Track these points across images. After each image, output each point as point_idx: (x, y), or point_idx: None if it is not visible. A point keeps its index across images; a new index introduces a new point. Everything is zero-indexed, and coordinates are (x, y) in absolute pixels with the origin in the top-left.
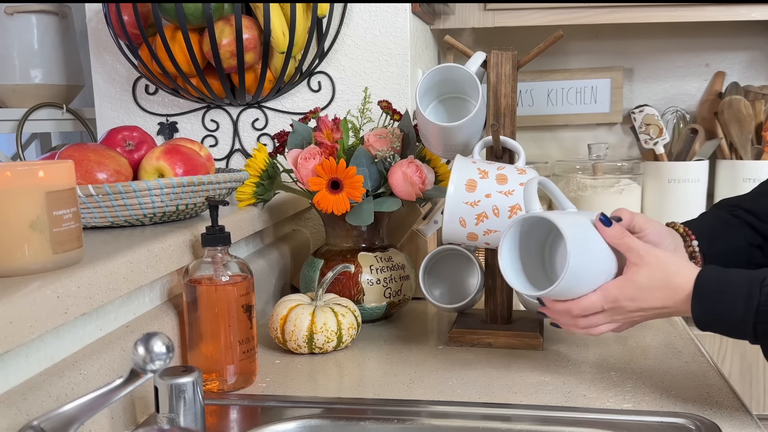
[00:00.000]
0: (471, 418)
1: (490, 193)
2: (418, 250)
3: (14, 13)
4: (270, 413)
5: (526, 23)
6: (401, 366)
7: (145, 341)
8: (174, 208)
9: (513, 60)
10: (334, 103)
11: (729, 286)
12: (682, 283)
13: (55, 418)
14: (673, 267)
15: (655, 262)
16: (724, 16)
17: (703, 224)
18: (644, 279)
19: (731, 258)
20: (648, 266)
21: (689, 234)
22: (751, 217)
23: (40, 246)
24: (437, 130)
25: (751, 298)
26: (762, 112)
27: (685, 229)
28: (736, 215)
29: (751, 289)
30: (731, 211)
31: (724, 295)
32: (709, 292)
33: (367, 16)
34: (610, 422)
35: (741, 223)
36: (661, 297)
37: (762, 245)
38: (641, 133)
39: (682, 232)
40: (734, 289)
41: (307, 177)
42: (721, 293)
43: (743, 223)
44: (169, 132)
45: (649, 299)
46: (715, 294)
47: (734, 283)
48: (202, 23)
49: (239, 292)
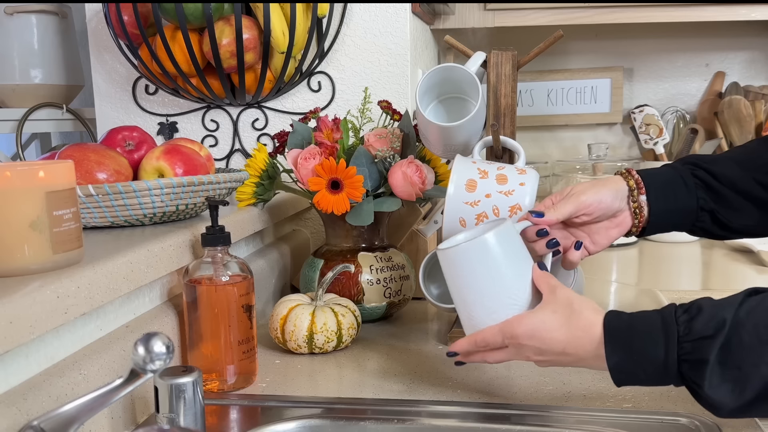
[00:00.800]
0: (471, 418)
1: (490, 193)
2: (418, 250)
3: (14, 13)
4: (270, 413)
5: (526, 23)
6: (401, 366)
7: (145, 341)
8: (174, 208)
9: (513, 60)
10: (334, 103)
11: (640, 321)
12: (588, 324)
13: (55, 418)
14: (577, 306)
15: (563, 300)
16: (724, 16)
17: (658, 177)
18: (548, 314)
19: (675, 218)
20: (555, 303)
21: (640, 186)
22: (711, 178)
23: (40, 246)
24: (437, 130)
25: (668, 328)
26: (762, 112)
27: (637, 180)
28: (696, 175)
29: (666, 321)
30: (692, 170)
31: (638, 332)
32: (621, 334)
33: (367, 16)
34: (610, 422)
35: (698, 184)
36: (563, 340)
37: (714, 210)
38: (641, 133)
39: (632, 185)
40: (647, 320)
41: (307, 177)
42: (633, 330)
43: (700, 185)
44: (169, 132)
45: (551, 340)
46: (626, 331)
47: (645, 316)
48: (202, 23)
49: (239, 292)
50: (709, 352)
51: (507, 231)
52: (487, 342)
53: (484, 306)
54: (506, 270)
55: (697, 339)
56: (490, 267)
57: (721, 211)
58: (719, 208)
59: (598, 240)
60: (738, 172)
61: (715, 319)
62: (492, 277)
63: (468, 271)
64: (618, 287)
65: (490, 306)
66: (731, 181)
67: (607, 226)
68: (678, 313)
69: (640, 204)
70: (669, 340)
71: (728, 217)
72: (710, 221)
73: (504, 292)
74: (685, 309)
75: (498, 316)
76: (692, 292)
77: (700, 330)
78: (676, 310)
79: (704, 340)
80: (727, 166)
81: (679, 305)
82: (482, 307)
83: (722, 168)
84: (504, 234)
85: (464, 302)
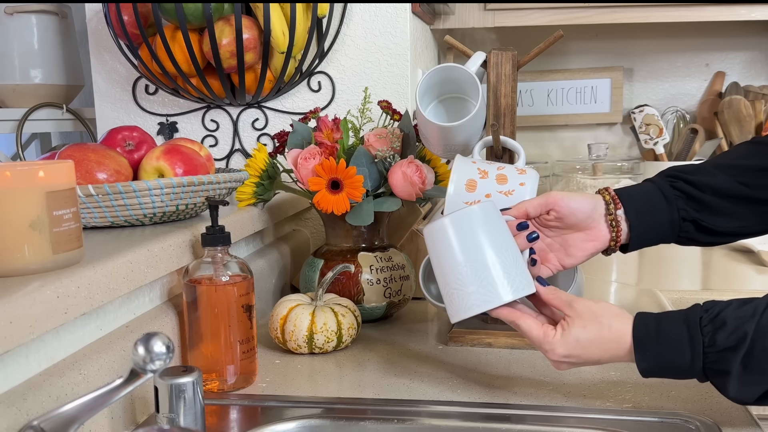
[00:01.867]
0: (471, 418)
1: (490, 193)
2: (418, 250)
3: (14, 13)
4: (270, 413)
5: (526, 23)
6: (401, 366)
7: (145, 341)
8: (174, 208)
9: (513, 60)
10: (334, 103)
11: (668, 334)
12: (618, 335)
13: (55, 418)
14: (605, 320)
15: (587, 314)
16: (724, 16)
17: (635, 193)
18: (578, 331)
19: (659, 230)
20: (581, 318)
21: (616, 201)
22: (690, 188)
23: (40, 246)
24: (437, 130)
25: (694, 342)
26: (762, 112)
27: (612, 195)
28: (674, 186)
29: (691, 331)
30: (671, 182)
31: (667, 346)
32: (650, 343)
33: (367, 16)
34: (610, 422)
35: (678, 196)
36: (597, 353)
37: (697, 219)
38: (641, 133)
39: (607, 199)
40: (675, 336)
41: (307, 177)
42: (662, 344)
43: (680, 196)
44: (169, 132)
45: (586, 356)
46: (655, 344)
47: (672, 328)
48: (202, 23)
49: (239, 292)
50: (732, 363)
51: (488, 207)
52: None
53: (473, 273)
54: (487, 240)
55: (720, 351)
56: (472, 237)
57: (704, 218)
58: (702, 216)
59: (574, 252)
60: (720, 177)
61: (736, 333)
62: (475, 246)
63: (448, 244)
64: (618, 287)
65: (469, 276)
66: (713, 188)
67: (582, 239)
68: (703, 322)
69: (617, 218)
70: (695, 351)
71: (714, 223)
72: (694, 230)
73: (483, 263)
74: (710, 318)
75: (479, 284)
76: (692, 292)
77: (723, 342)
78: (701, 319)
79: (727, 351)
80: (708, 174)
81: (705, 311)
82: (471, 275)
83: (702, 176)
84: (485, 209)
85: (446, 273)
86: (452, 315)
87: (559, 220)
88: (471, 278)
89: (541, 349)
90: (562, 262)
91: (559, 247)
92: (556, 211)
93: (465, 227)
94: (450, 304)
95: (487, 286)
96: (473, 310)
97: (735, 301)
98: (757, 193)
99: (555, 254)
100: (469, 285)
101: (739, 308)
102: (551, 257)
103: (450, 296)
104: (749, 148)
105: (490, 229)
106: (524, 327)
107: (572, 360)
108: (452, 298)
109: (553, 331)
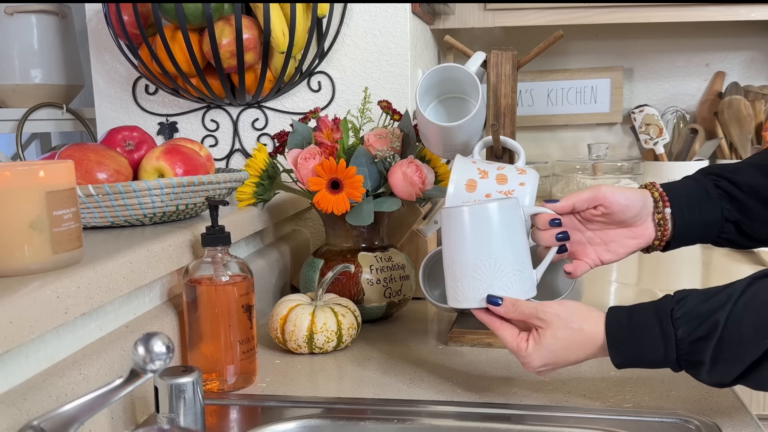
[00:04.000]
0: (471, 418)
1: (490, 193)
2: (418, 250)
3: (14, 13)
4: (270, 413)
5: (526, 23)
6: (401, 366)
7: (145, 341)
8: (174, 208)
9: (513, 60)
10: (334, 103)
11: (640, 328)
12: (591, 337)
13: (55, 418)
14: (575, 324)
15: (556, 321)
16: (724, 16)
17: (682, 191)
18: (551, 341)
19: (702, 231)
20: (551, 327)
21: (665, 199)
22: (734, 189)
23: (40, 246)
24: (437, 130)
25: (666, 335)
26: (762, 112)
27: (661, 193)
28: (719, 186)
29: (663, 324)
30: (715, 181)
31: (639, 340)
32: (623, 338)
33: (367, 16)
34: (610, 422)
35: (722, 195)
36: (573, 357)
37: (739, 221)
38: (641, 133)
39: (656, 197)
40: (647, 329)
41: (307, 177)
42: (635, 339)
43: (724, 196)
44: (169, 132)
45: (563, 361)
46: (629, 339)
47: (644, 322)
48: (202, 23)
49: (239, 292)
50: (705, 353)
51: (511, 206)
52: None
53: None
54: (499, 239)
55: (693, 341)
56: (484, 233)
57: (745, 222)
58: (744, 219)
59: (615, 248)
60: (761, 179)
61: (708, 322)
62: (486, 241)
63: (464, 232)
64: (618, 287)
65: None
66: (754, 190)
67: (625, 235)
68: (675, 314)
69: (665, 216)
70: (667, 344)
71: (753, 228)
72: (735, 232)
73: (492, 257)
74: (681, 309)
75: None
76: None
77: (695, 332)
78: (672, 311)
79: (699, 342)
80: (750, 175)
81: (676, 302)
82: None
83: (745, 177)
84: (506, 208)
85: (455, 262)
86: (450, 300)
87: (607, 216)
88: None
89: (519, 360)
90: (601, 258)
91: (600, 242)
92: (605, 206)
93: (481, 222)
94: (450, 289)
95: (488, 285)
96: (468, 304)
97: (708, 289)
98: None
99: (595, 249)
100: (472, 279)
101: (711, 297)
102: (590, 251)
103: (450, 282)
104: None
105: (504, 229)
106: (500, 337)
107: (550, 367)
108: (452, 285)
109: (525, 344)
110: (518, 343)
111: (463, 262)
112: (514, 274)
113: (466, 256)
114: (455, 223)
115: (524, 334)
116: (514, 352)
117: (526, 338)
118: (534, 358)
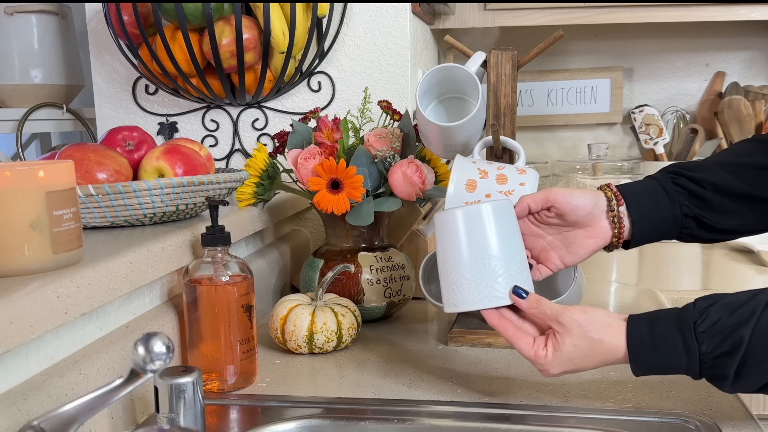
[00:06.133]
0: (471, 418)
1: (490, 193)
2: (418, 250)
3: (14, 13)
4: (270, 413)
5: (526, 23)
6: (401, 366)
7: (145, 341)
8: (174, 208)
9: (513, 60)
10: (334, 103)
11: (662, 342)
12: (611, 348)
13: (55, 418)
14: (595, 334)
15: (576, 329)
16: (724, 16)
17: (637, 189)
18: (570, 348)
19: (661, 227)
20: (570, 334)
21: (618, 197)
22: (693, 185)
23: (40, 246)
24: (437, 130)
25: (690, 349)
26: (762, 112)
27: (614, 192)
28: (677, 183)
29: (686, 338)
30: (673, 179)
31: (662, 354)
32: (645, 353)
33: (367, 16)
34: (610, 422)
35: (679, 192)
36: (592, 365)
37: (699, 215)
38: (641, 133)
39: (609, 196)
40: (669, 341)
41: (307, 177)
42: (658, 352)
43: (682, 192)
44: (169, 132)
45: (581, 368)
46: (651, 354)
47: (667, 336)
48: (202, 23)
49: (239, 292)
50: (729, 368)
51: (504, 206)
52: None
53: (471, 265)
54: (494, 238)
55: (717, 357)
56: (480, 233)
57: (706, 215)
58: (704, 213)
59: (575, 250)
60: (722, 174)
61: (732, 338)
62: (481, 241)
63: (456, 234)
64: (618, 287)
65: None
66: (714, 185)
67: (583, 235)
68: (698, 328)
69: (619, 215)
70: (691, 358)
71: (715, 220)
72: (696, 226)
73: (488, 257)
74: (705, 323)
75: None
76: (692, 292)
77: (719, 348)
78: (695, 324)
79: (723, 357)
80: (710, 170)
81: (699, 315)
82: (468, 267)
83: (704, 173)
84: (500, 209)
85: (449, 264)
86: (447, 305)
87: (560, 217)
88: (470, 275)
89: (536, 367)
90: (563, 260)
91: (560, 245)
92: (556, 207)
93: (475, 222)
94: (446, 294)
95: (485, 286)
96: (466, 306)
97: (730, 300)
98: (758, 192)
99: (556, 252)
100: (469, 281)
101: (735, 311)
102: (552, 256)
103: (447, 287)
104: (750, 146)
105: (499, 228)
106: (516, 346)
107: (567, 372)
108: (448, 290)
109: (544, 351)
110: (536, 351)
111: (459, 265)
112: (512, 275)
113: (461, 259)
114: (449, 226)
115: (540, 340)
116: (532, 360)
117: (544, 345)
118: (553, 365)
